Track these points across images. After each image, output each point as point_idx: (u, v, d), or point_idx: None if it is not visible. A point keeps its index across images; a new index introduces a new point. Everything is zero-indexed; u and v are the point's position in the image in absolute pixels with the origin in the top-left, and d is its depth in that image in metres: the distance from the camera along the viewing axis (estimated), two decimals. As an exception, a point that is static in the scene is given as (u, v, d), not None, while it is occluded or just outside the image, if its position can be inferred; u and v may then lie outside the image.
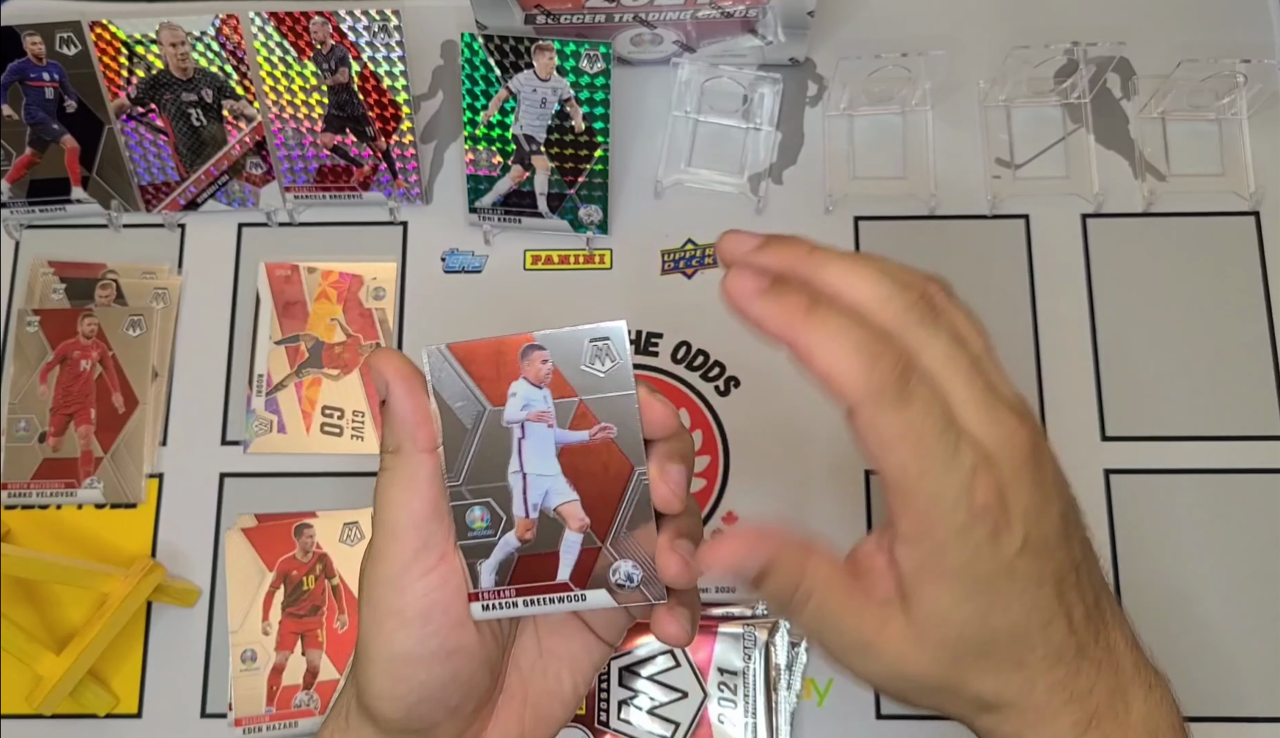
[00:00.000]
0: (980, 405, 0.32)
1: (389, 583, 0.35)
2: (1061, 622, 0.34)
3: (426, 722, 0.36)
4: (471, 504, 0.35)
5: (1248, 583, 0.52)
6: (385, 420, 0.35)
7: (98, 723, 0.53)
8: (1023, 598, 0.33)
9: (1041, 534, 0.33)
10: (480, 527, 0.35)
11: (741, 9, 0.54)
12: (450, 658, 0.35)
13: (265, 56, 0.56)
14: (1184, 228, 0.57)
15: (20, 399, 0.56)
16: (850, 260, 0.33)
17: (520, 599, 0.35)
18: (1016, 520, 0.32)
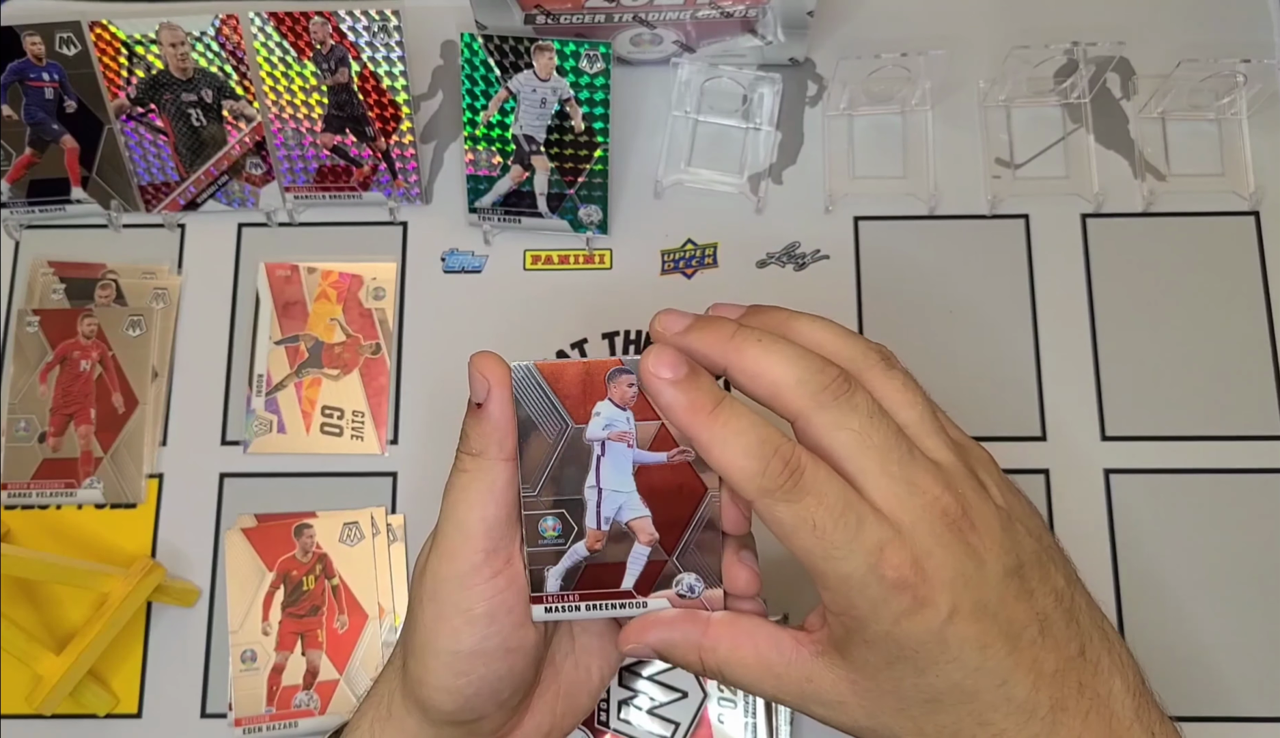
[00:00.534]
0: (894, 479, 0.33)
1: (457, 581, 0.35)
2: (1023, 679, 0.34)
3: (477, 714, 0.37)
4: (545, 514, 0.36)
5: (1248, 583, 0.52)
6: (475, 423, 0.35)
7: (98, 723, 0.53)
8: (961, 663, 0.33)
9: (977, 600, 0.33)
10: (551, 536, 0.36)
11: (741, 9, 0.54)
12: (509, 655, 0.36)
13: (265, 56, 0.56)
14: (1184, 228, 0.57)
15: (20, 399, 0.56)
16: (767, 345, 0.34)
17: (583, 604, 0.37)
18: (941, 590, 0.33)
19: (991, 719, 0.34)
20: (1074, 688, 0.34)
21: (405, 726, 0.38)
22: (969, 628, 0.33)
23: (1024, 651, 0.34)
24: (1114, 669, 0.35)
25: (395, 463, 0.55)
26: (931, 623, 0.33)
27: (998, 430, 0.54)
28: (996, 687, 0.34)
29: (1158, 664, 0.52)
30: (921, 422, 0.35)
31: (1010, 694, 0.34)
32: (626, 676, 0.51)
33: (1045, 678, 0.34)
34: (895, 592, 0.33)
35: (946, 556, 0.33)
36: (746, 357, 0.34)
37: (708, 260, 0.57)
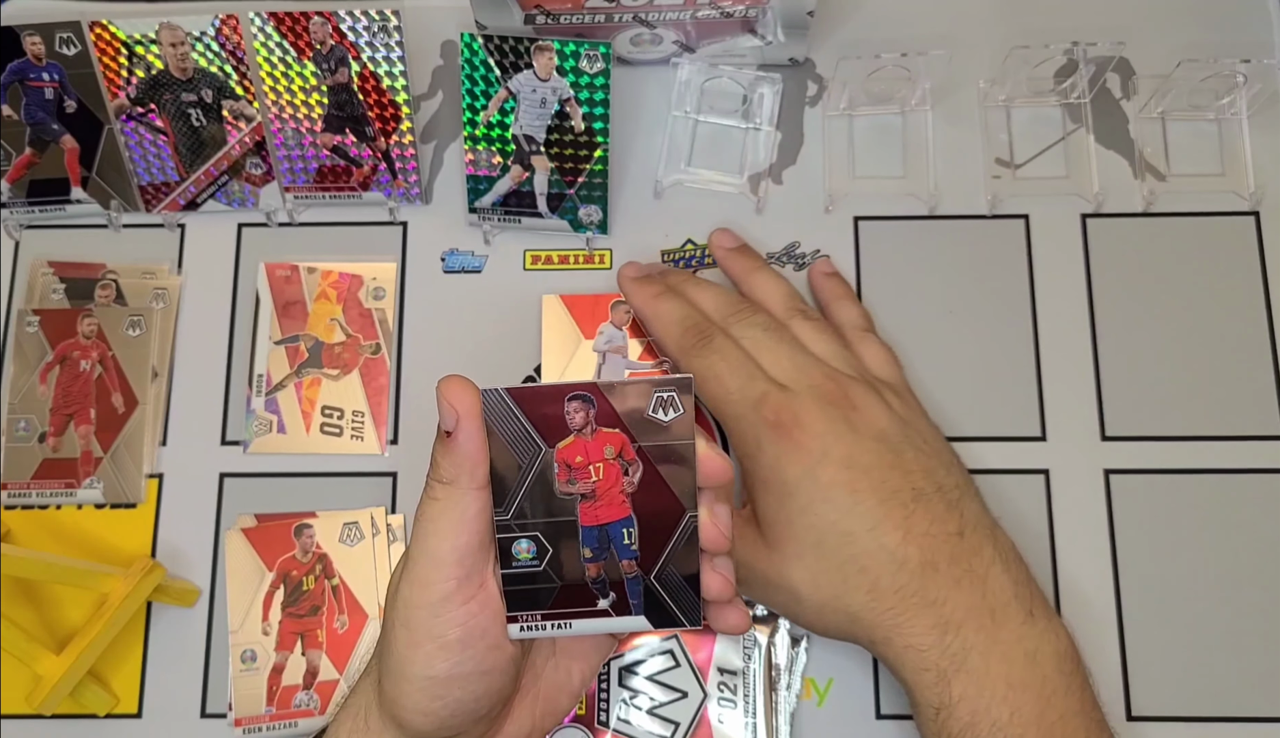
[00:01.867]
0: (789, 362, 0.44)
1: (429, 609, 0.36)
2: (892, 531, 0.40)
3: (455, 732, 0.38)
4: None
5: (1248, 583, 0.52)
6: (445, 452, 0.36)
7: (98, 723, 0.53)
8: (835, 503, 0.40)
9: (847, 452, 0.41)
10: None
11: (741, 9, 0.54)
12: (485, 677, 0.37)
13: (265, 57, 0.56)
14: (1184, 228, 0.57)
15: (20, 399, 0.56)
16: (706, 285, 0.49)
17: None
18: (813, 437, 0.41)
19: (868, 565, 0.40)
20: (946, 556, 0.40)
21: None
22: (838, 473, 0.41)
23: (894, 507, 0.40)
24: (996, 558, 0.41)
25: (395, 463, 0.55)
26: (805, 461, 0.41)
27: (998, 431, 0.54)
28: (868, 531, 0.40)
29: (1158, 664, 0.52)
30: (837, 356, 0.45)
31: (881, 541, 0.40)
32: (626, 676, 0.51)
33: (915, 536, 0.40)
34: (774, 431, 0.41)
35: (821, 415, 0.42)
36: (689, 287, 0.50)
37: (708, 260, 0.57)
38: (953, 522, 0.41)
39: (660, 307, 0.47)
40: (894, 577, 0.40)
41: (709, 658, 0.51)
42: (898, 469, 0.41)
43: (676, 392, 0.35)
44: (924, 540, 0.40)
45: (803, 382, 0.43)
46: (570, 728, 0.50)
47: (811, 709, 0.51)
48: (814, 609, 0.42)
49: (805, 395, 0.42)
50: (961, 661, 0.39)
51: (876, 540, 0.40)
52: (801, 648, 0.51)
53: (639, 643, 0.51)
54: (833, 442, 0.41)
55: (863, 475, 0.40)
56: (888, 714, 0.51)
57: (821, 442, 0.41)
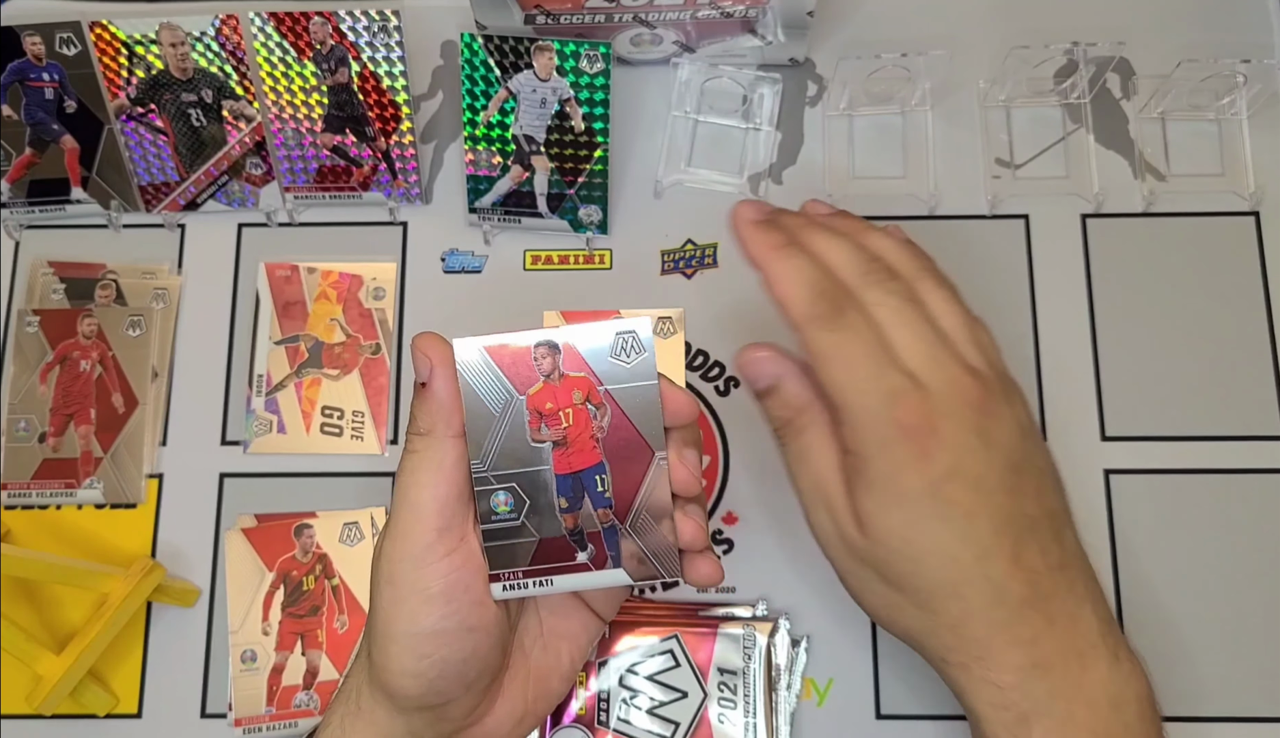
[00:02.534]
0: (925, 351, 0.38)
1: (412, 562, 0.36)
2: (1002, 562, 0.36)
3: (444, 697, 0.37)
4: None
5: (1248, 583, 0.52)
6: (421, 402, 0.36)
7: (98, 723, 0.53)
8: (950, 523, 0.36)
9: (975, 471, 0.36)
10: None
11: (741, 9, 0.54)
12: (470, 634, 0.37)
13: (265, 57, 0.56)
14: (1184, 228, 0.57)
15: (20, 399, 0.56)
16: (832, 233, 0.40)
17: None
18: (944, 449, 0.36)
19: (965, 593, 0.37)
20: (1046, 592, 0.37)
21: (375, 717, 0.38)
22: (961, 493, 0.36)
23: (1006, 537, 0.37)
24: (1087, 597, 0.38)
25: (395, 463, 0.55)
26: (931, 475, 0.36)
27: (998, 430, 0.54)
28: (976, 559, 0.36)
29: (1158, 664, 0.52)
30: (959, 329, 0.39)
31: (987, 571, 0.36)
32: (627, 676, 0.51)
33: (1021, 571, 0.37)
34: (903, 436, 0.36)
35: (960, 425, 0.36)
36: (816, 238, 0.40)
37: (708, 260, 0.57)
38: (1055, 554, 0.38)
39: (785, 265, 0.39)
40: (990, 609, 0.37)
41: (709, 658, 0.51)
42: (1018, 493, 0.37)
43: (637, 332, 0.36)
44: (1028, 574, 0.37)
45: (940, 375, 0.37)
46: (570, 728, 0.50)
47: (811, 709, 0.51)
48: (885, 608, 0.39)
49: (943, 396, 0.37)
50: (1046, 706, 0.36)
51: (982, 569, 0.36)
52: (801, 648, 0.51)
53: (639, 642, 0.51)
54: (964, 456, 0.36)
55: (985, 498, 0.36)
56: (888, 714, 0.51)
57: (953, 455, 0.36)
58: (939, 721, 0.51)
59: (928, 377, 0.37)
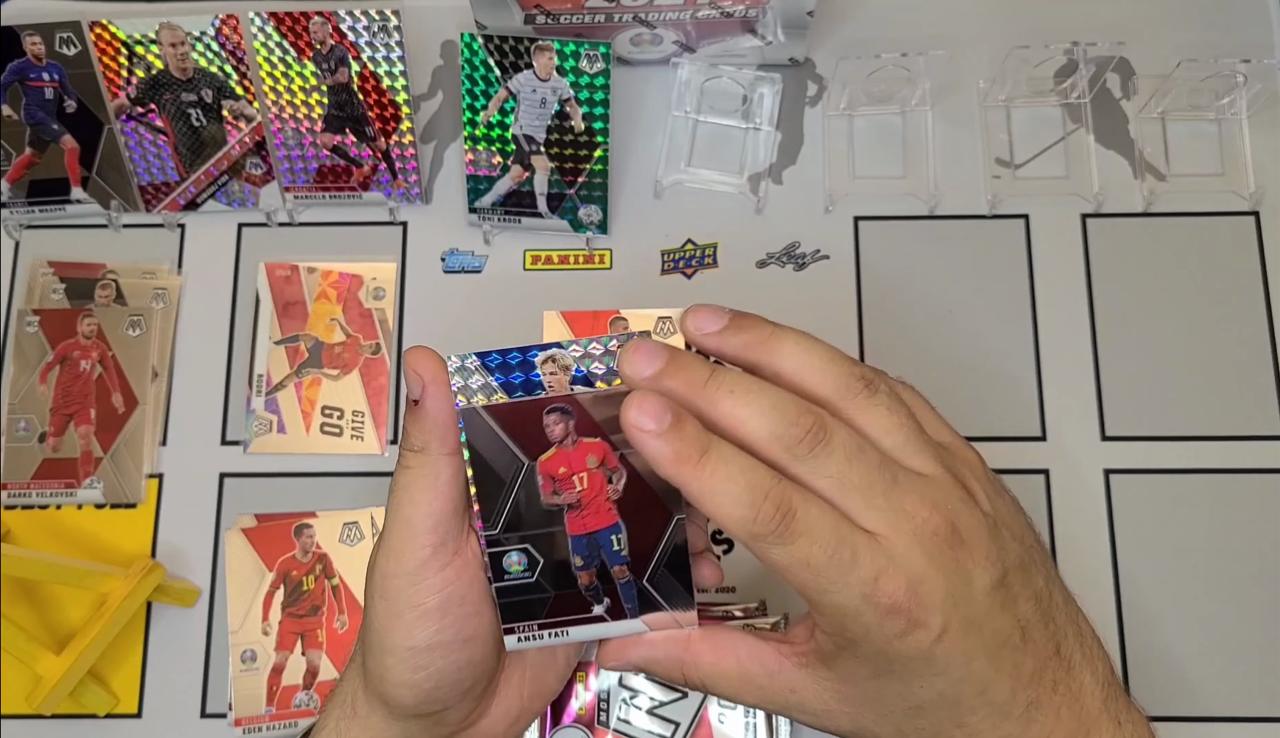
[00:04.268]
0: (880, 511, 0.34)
1: (406, 578, 0.36)
2: (1003, 684, 0.35)
3: (440, 706, 0.37)
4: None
5: (1248, 583, 0.52)
6: (414, 419, 0.36)
7: (98, 723, 0.53)
8: (947, 675, 0.34)
9: (966, 616, 0.34)
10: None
11: (741, 9, 0.54)
12: (466, 645, 0.36)
13: (265, 56, 0.56)
14: (1184, 228, 0.57)
15: (20, 399, 0.56)
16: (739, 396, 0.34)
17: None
18: (933, 611, 0.34)
19: (968, 721, 0.35)
20: (1048, 686, 0.36)
21: (370, 722, 0.38)
22: (957, 645, 0.34)
23: (1005, 658, 0.35)
24: (1084, 664, 0.37)
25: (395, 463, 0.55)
26: (923, 642, 0.34)
27: (998, 431, 0.54)
28: (977, 694, 0.35)
29: (1158, 664, 0.52)
30: (907, 443, 0.36)
31: (990, 698, 0.35)
32: (627, 676, 0.51)
33: (1023, 681, 0.35)
34: (890, 616, 0.33)
35: (939, 577, 0.34)
36: (720, 408, 0.34)
37: (708, 260, 0.57)
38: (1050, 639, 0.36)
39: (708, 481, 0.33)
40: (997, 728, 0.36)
41: (709, 658, 0.51)
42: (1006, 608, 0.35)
43: None
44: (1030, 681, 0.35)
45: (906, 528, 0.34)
46: (570, 728, 0.50)
47: (811, 709, 0.51)
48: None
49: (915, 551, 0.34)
50: None
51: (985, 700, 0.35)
52: (801, 648, 0.51)
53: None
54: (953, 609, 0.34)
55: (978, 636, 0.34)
56: (888, 714, 0.51)
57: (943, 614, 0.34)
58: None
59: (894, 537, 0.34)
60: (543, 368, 0.35)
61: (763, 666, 0.37)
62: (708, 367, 0.35)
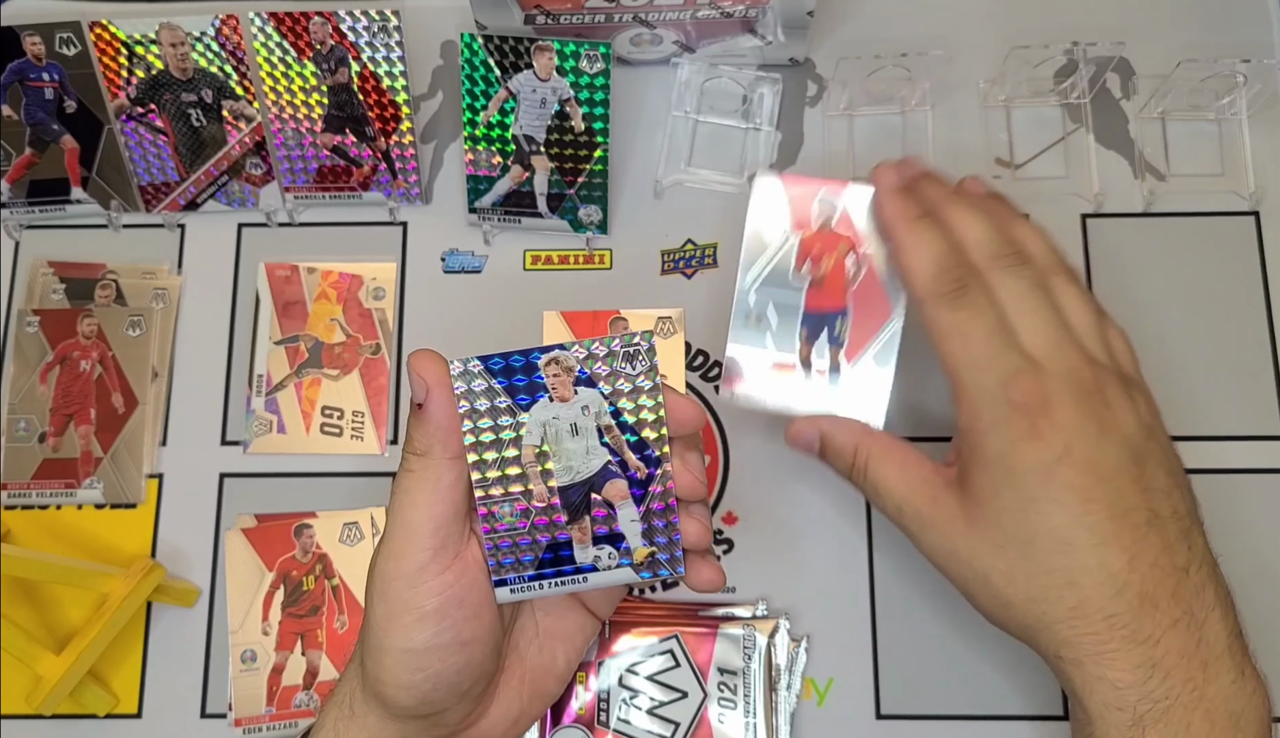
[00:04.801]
0: (1048, 336, 0.38)
1: (405, 580, 0.36)
2: (1120, 553, 0.35)
3: (438, 707, 0.37)
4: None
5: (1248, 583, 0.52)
6: (418, 423, 0.36)
7: (97, 723, 0.53)
8: (1065, 506, 0.36)
9: (1090, 455, 0.36)
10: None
11: (741, 9, 0.54)
12: (465, 647, 0.37)
13: (265, 57, 0.56)
14: (1184, 228, 0.57)
15: (20, 399, 0.56)
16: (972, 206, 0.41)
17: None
18: (1058, 430, 0.36)
19: (1081, 581, 0.36)
20: (1169, 592, 0.36)
21: (367, 722, 0.38)
22: (1076, 476, 0.36)
23: (1126, 528, 0.36)
24: (1217, 603, 0.37)
25: (395, 463, 0.55)
26: (1043, 455, 0.36)
27: (998, 430, 0.54)
28: (1093, 546, 0.36)
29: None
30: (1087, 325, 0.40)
31: (1104, 560, 0.35)
32: (627, 676, 0.51)
33: (1142, 563, 0.36)
34: (1017, 414, 0.36)
35: (1073, 408, 0.37)
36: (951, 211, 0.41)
37: (708, 260, 0.57)
38: (1181, 554, 0.37)
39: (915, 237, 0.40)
40: (1108, 602, 0.36)
41: (709, 658, 0.51)
42: (1138, 485, 0.37)
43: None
44: (1150, 570, 0.36)
45: (1059, 362, 0.37)
46: (570, 728, 0.50)
47: (811, 709, 0.51)
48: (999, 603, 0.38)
49: (1059, 380, 0.37)
50: (1163, 711, 0.35)
51: (1098, 558, 0.36)
52: (801, 648, 0.51)
53: (639, 643, 0.51)
54: (1078, 439, 0.36)
55: (1101, 484, 0.36)
56: (888, 714, 0.51)
57: (1066, 437, 0.36)
58: (939, 721, 0.51)
59: (1047, 361, 0.37)
60: (545, 370, 0.36)
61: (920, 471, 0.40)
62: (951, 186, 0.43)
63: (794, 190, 0.45)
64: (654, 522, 0.38)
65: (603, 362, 0.36)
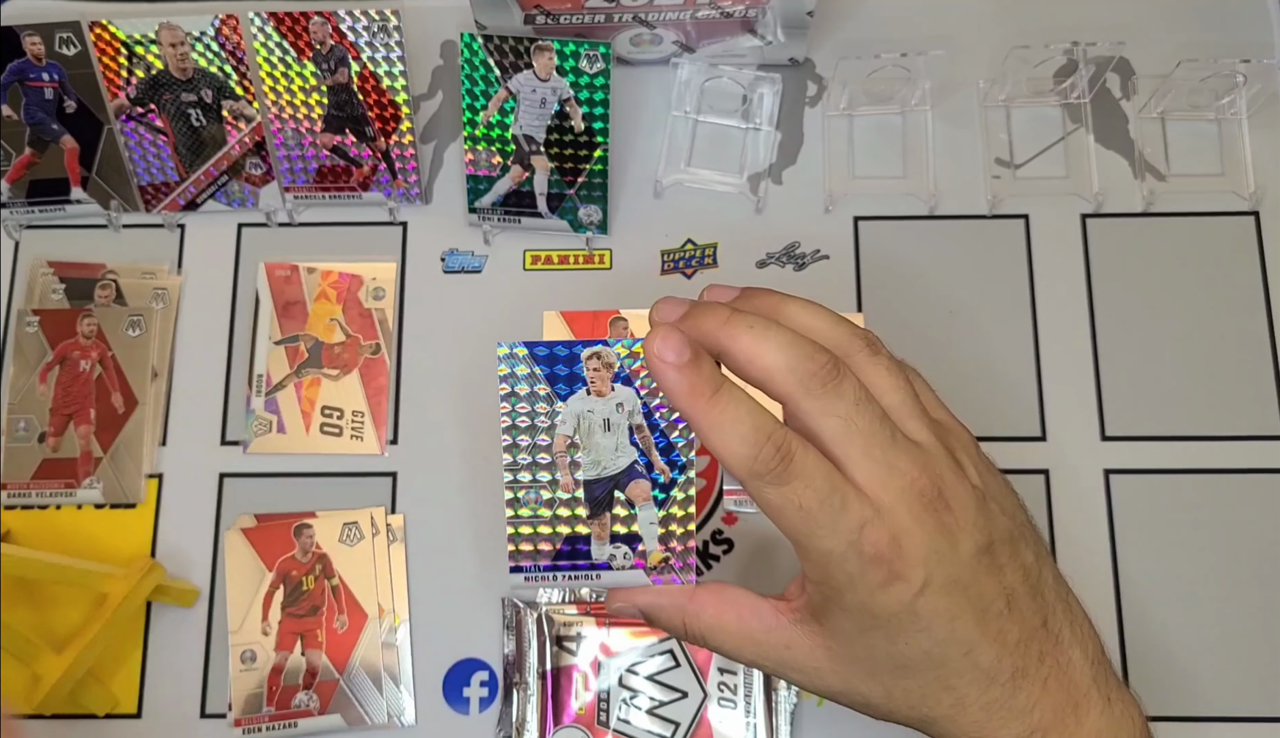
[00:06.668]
0: (876, 462, 0.35)
1: None
2: (988, 648, 0.36)
3: None
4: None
5: (1248, 583, 0.52)
6: None
7: (97, 723, 0.53)
8: (931, 633, 0.35)
9: (948, 573, 0.35)
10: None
11: (741, 9, 0.54)
12: None
13: (265, 57, 0.56)
14: (1184, 228, 0.57)
15: (20, 399, 0.56)
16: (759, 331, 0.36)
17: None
18: (915, 566, 0.35)
19: (955, 685, 0.36)
20: (1035, 657, 0.37)
21: None
22: (940, 601, 0.35)
23: (991, 623, 0.36)
24: (1074, 641, 0.38)
25: (395, 463, 0.55)
26: (904, 595, 0.35)
27: (998, 430, 0.54)
28: (962, 655, 0.36)
29: (1158, 664, 0.52)
30: (904, 405, 0.38)
31: (975, 661, 0.36)
32: (627, 676, 0.51)
33: (1009, 648, 0.36)
34: (872, 565, 0.35)
35: (922, 533, 0.35)
36: (740, 343, 0.35)
37: (708, 260, 0.57)
38: (1038, 612, 0.37)
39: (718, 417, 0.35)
40: (984, 693, 0.36)
41: (709, 658, 0.51)
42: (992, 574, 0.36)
43: None
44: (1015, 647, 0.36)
45: (895, 485, 0.35)
46: (570, 728, 0.50)
47: (811, 709, 0.51)
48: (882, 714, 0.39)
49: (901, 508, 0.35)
50: None
51: (969, 662, 0.36)
52: (801, 648, 0.51)
53: (636, 643, 0.51)
54: (935, 565, 0.35)
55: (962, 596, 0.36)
56: (888, 714, 0.51)
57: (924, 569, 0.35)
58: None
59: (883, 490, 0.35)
60: (587, 363, 0.37)
61: (760, 621, 0.38)
62: (728, 308, 0.36)
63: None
64: (672, 527, 0.38)
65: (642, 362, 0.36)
